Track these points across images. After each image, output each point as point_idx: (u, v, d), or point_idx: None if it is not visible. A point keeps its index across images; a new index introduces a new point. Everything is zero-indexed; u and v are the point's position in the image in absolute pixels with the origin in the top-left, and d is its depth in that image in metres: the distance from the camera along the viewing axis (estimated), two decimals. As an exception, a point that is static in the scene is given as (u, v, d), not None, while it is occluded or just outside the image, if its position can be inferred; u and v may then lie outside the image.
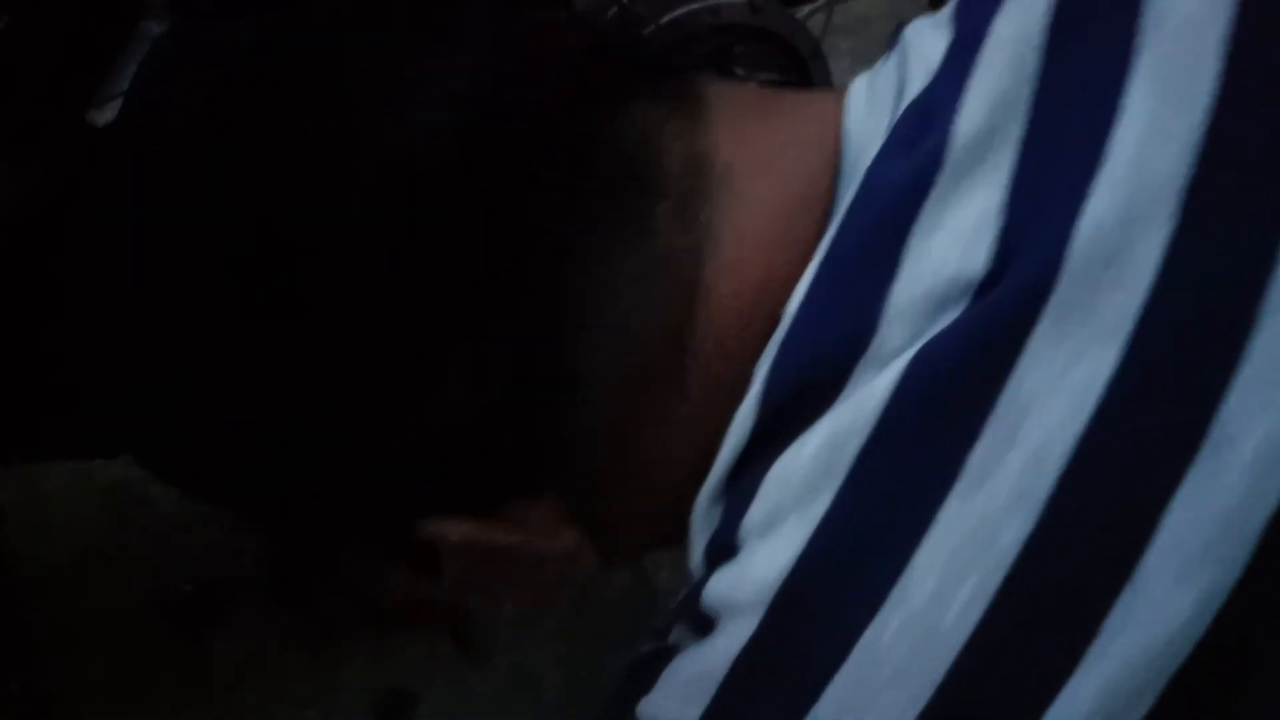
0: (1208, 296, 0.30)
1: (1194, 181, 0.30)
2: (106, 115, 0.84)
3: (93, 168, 0.42)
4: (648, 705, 0.37)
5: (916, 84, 0.35)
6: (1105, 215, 0.30)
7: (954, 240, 0.32)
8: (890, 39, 0.40)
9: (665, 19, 0.85)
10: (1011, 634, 0.30)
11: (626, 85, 0.38)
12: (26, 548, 0.97)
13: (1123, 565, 0.29)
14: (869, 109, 0.37)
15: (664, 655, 0.37)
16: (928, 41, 0.36)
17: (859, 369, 0.33)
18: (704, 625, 0.35)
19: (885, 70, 0.38)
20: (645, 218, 0.36)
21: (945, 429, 0.31)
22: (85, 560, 1.08)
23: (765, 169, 0.37)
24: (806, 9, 0.96)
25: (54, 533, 1.09)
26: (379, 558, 0.43)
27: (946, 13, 0.37)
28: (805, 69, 0.92)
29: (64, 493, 1.11)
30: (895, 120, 0.35)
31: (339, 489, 0.38)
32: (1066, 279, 0.30)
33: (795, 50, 0.91)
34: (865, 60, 0.41)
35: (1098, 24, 0.33)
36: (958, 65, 0.34)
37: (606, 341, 0.36)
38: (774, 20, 0.89)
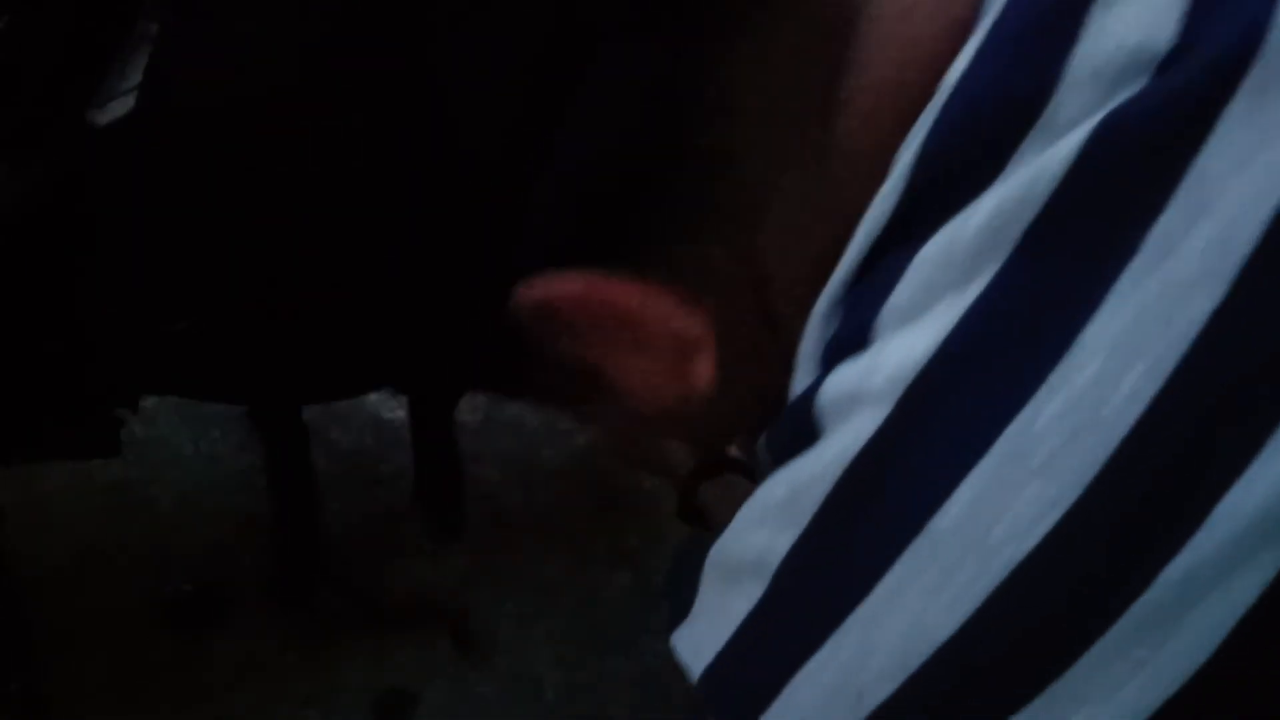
0: None
1: None
2: (107, 115, 0.84)
3: (110, 162, 0.42)
4: (726, 547, 0.34)
5: None
6: None
7: (1141, 9, 0.30)
8: None
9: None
10: (1182, 421, 0.28)
11: None
12: (26, 547, 0.98)
13: None
14: None
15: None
16: None
17: (1029, 139, 0.30)
18: (804, 439, 0.33)
19: None
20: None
21: (1127, 202, 0.29)
22: (85, 560, 1.08)
23: None
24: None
25: (53, 532, 1.09)
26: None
27: None
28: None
29: (64, 492, 1.11)
30: None
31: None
32: (1266, 57, 0.28)
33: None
34: None
35: None
36: None
37: (758, 81, 0.34)
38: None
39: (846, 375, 0.32)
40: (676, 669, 0.37)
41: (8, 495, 0.91)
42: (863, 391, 0.31)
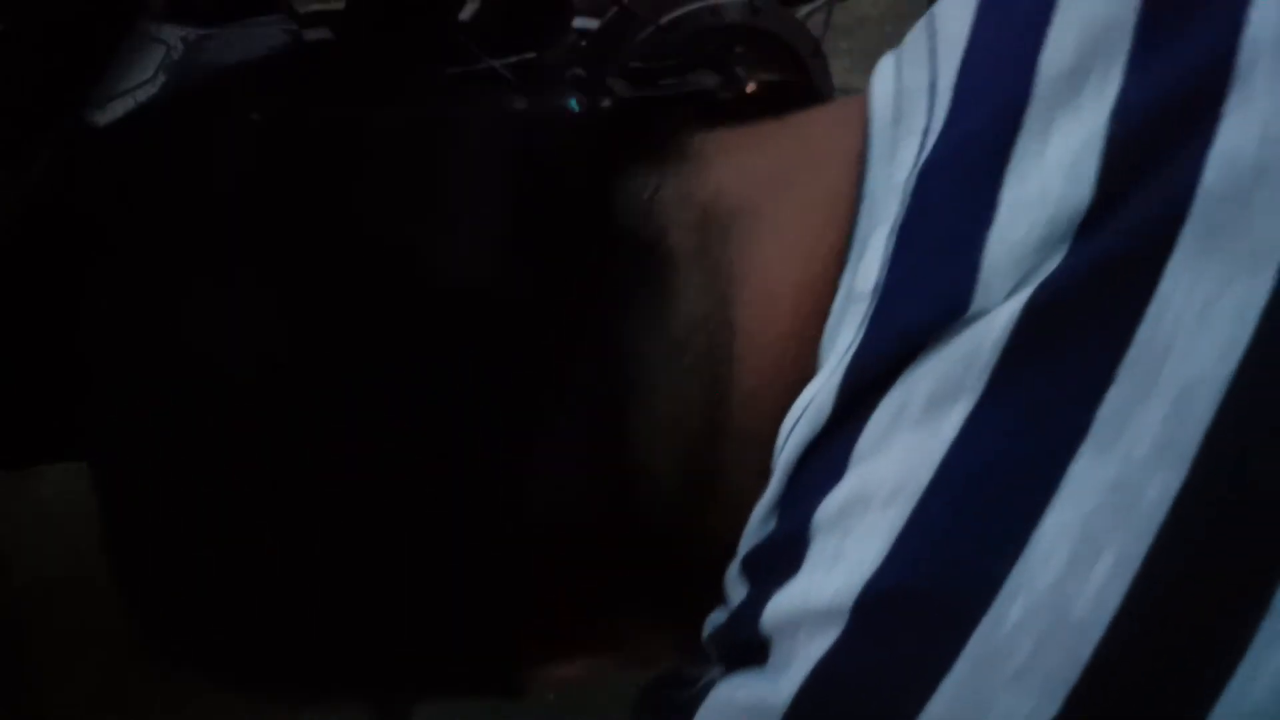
0: None
1: None
2: (107, 116, 0.84)
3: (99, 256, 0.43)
4: None
5: (957, 49, 0.34)
6: (1246, 132, 0.27)
7: (1052, 177, 0.29)
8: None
9: (665, 19, 0.85)
10: (1162, 618, 0.26)
11: (622, 160, 0.37)
12: (23, 550, 0.97)
13: None
14: (898, 88, 0.35)
15: (689, 699, 0.33)
16: (961, 9, 0.35)
17: (958, 325, 0.29)
18: (752, 654, 0.31)
19: (914, 44, 0.36)
20: (668, 294, 0.35)
21: (1071, 375, 0.27)
22: (82, 562, 1.08)
23: (780, 189, 0.36)
24: (806, 9, 0.96)
25: (51, 535, 1.08)
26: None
27: None
28: (804, 68, 0.92)
29: (62, 495, 1.11)
30: (953, 77, 0.33)
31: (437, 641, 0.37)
32: (1202, 204, 0.27)
33: (794, 50, 0.91)
34: (864, 60, 0.40)
35: None
36: (1026, 8, 0.32)
37: (655, 428, 0.35)
38: (773, 20, 0.89)
39: (791, 593, 0.30)
40: (676, 670, 0.37)
41: (5, 498, 0.91)
42: (811, 609, 0.29)
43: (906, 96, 0.34)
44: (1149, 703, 0.26)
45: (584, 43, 0.85)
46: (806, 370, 0.32)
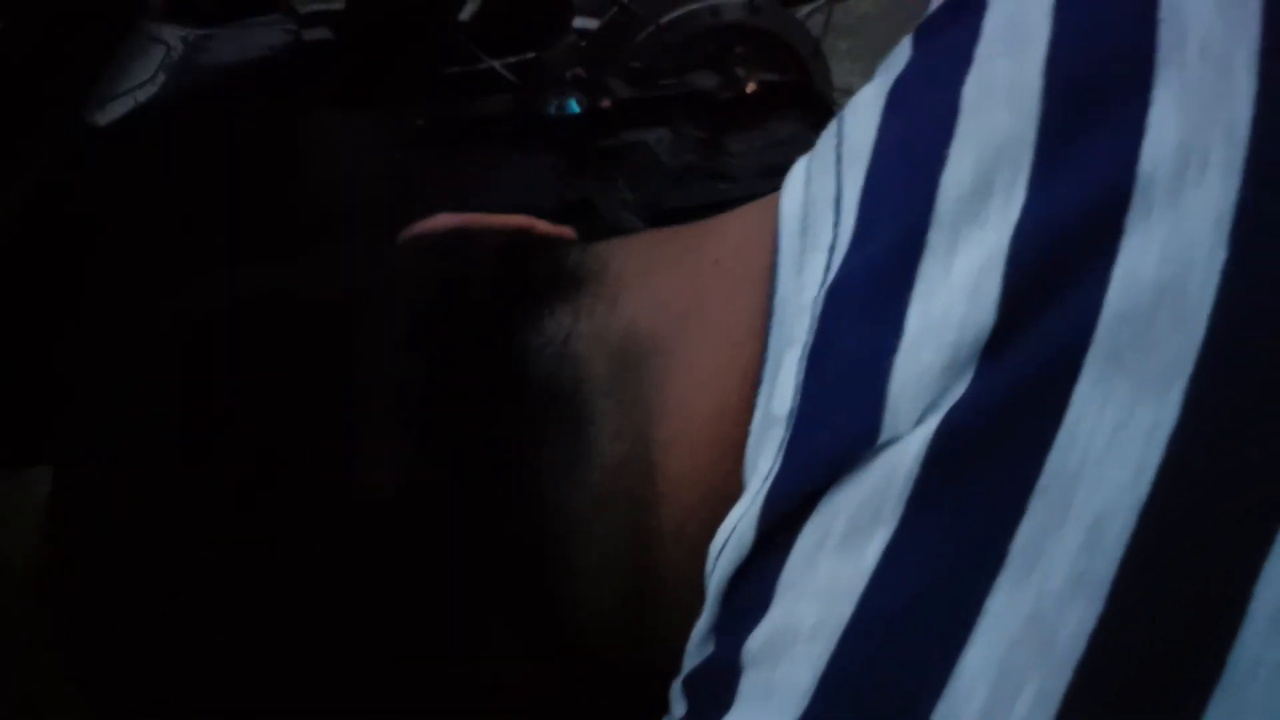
0: (1272, 325, 0.27)
1: (1241, 205, 0.27)
2: (107, 116, 0.84)
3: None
4: None
5: (861, 161, 0.33)
6: (1147, 251, 0.27)
7: (955, 299, 0.29)
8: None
9: (665, 19, 0.85)
10: None
11: (531, 296, 0.37)
12: (20, 550, 0.97)
13: (1213, 655, 0.25)
14: (806, 198, 0.35)
15: None
16: (867, 115, 0.34)
17: (865, 463, 0.29)
18: None
19: (824, 149, 0.36)
20: (585, 441, 0.35)
21: (984, 506, 0.27)
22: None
23: (687, 324, 0.36)
24: (805, 9, 0.96)
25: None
26: None
27: (884, 81, 0.35)
28: (804, 69, 0.92)
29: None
30: (857, 194, 0.33)
31: None
32: (1106, 328, 0.27)
33: (794, 50, 0.92)
34: (863, 60, 0.41)
35: (1108, 58, 0.30)
36: (929, 118, 0.32)
37: (586, 583, 0.35)
38: (773, 20, 0.90)
39: None
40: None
41: (4, 498, 0.91)
42: None
43: (813, 208, 0.34)
44: None
45: (584, 43, 0.85)
46: (732, 493, 0.32)
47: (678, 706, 0.32)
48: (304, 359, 0.37)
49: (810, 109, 0.86)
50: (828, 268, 0.32)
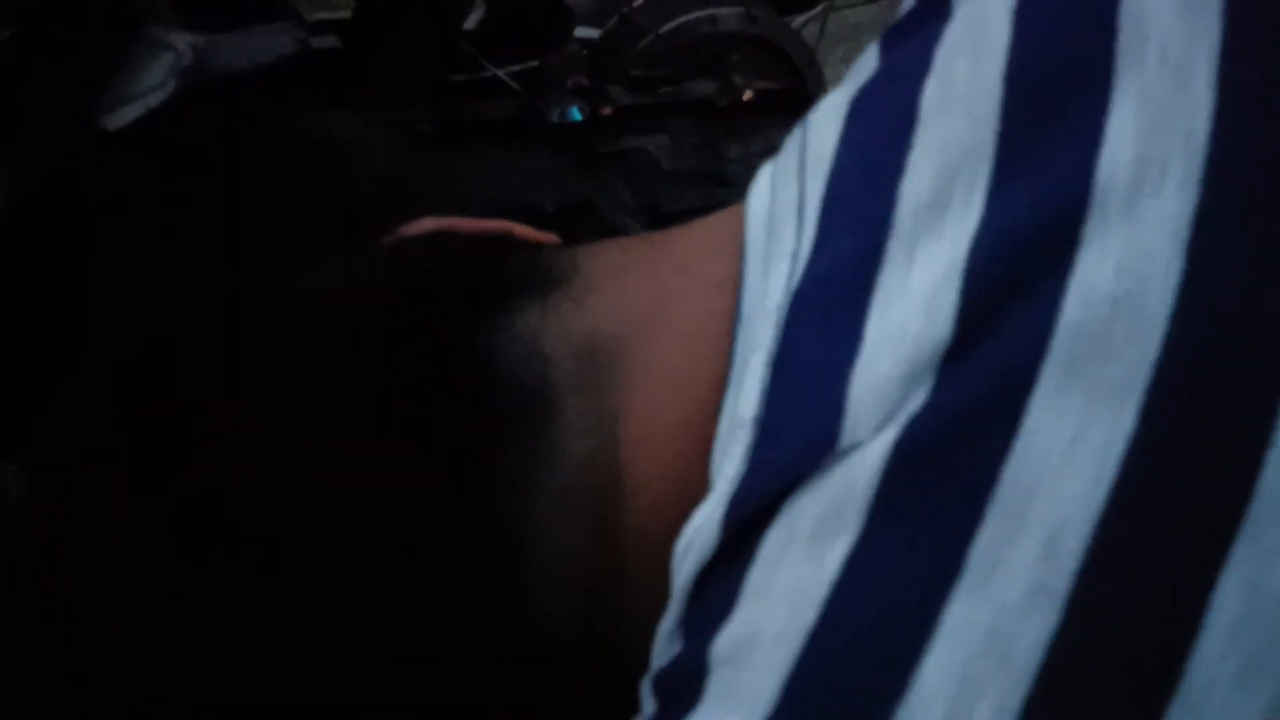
0: (1229, 339, 0.27)
1: (1199, 217, 0.27)
2: (117, 120, 0.85)
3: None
4: None
5: (822, 168, 0.33)
6: (1103, 263, 0.27)
7: (913, 309, 0.29)
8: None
9: (664, 28, 0.87)
10: None
11: (500, 295, 0.37)
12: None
13: (1168, 669, 0.25)
14: (771, 204, 0.35)
15: None
16: (829, 122, 0.34)
17: (826, 469, 0.29)
18: None
19: (787, 155, 0.36)
20: (549, 438, 0.35)
21: (943, 514, 0.27)
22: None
23: (654, 326, 0.36)
24: (801, 18, 0.97)
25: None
26: None
27: (850, 87, 0.35)
28: (800, 76, 0.94)
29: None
30: (819, 201, 0.33)
31: None
32: (1062, 340, 0.27)
33: (790, 58, 0.93)
34: None
35: (1067, 63, 0.30)
36: (888, 125, 0.32)
37: (550, 587, 0.35)
38: (770, 29, 0.91)
39: None
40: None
41: (13, 489, 0.92)
42: None
43: (778, 215, 0.34)
44: None
45: (585, 51, 0.87)
46: (697, 495, 0.32)
47: (647, 704, 0.33)
48: (259, 360, 0.36)
49: (806, 115, 0.88)
50: (791, 275, 0.32)
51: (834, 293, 0.31)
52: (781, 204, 0.34)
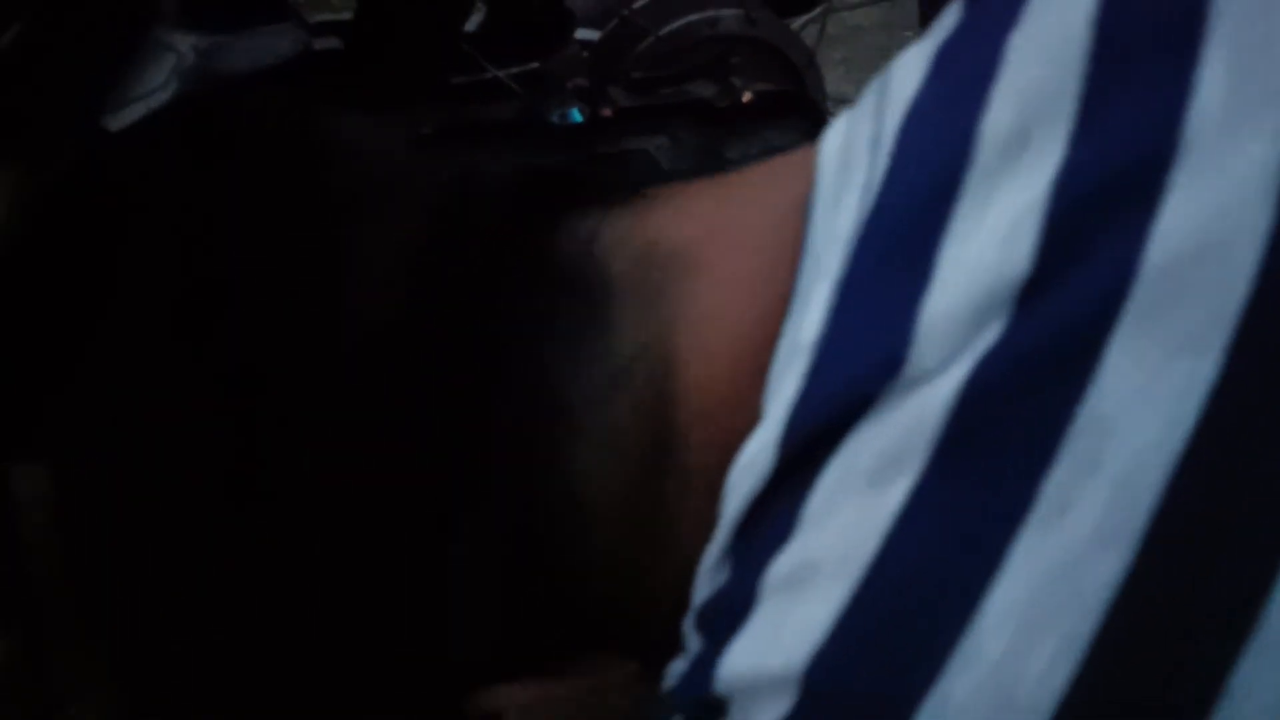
0: None
1: None
2: (120, 121, 0.86)
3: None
4: None
5: (901, 106, 0.34)
6: (1190, 209, 0.27)
7: (989, 243, 0.29)
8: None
9: (664, 30, 0.87)
10: (1108, 703, 0.26)
11: (563, 199, 0.37)
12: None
13: (1246, 610, 0.25)
14: (845, 141, 0.35)
15: None
16: (912, 68, 0.35)
17: (893, 389, 0.29)
18: (711, 712, 0.31)
19: (866, 101, 0.36)
20: (605, 323, 0.34)
21: (1014, 450, 0.27)
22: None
23: (723, 233, 0.36)
24: (801, 20, 0.98)
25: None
26: None
27: (933, 40, 0.35)
28: (799, 78, 0.94)
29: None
30: (895, 134, 0.33)
31: (384, 681, 0.36)
32: (1145, 282, 0.27)
33: (790, 60, 0.94)
34: (857, 69, 0.42)
35: (1158, 13, 0.30)
36: (972, 68, 0.32)
37: (595, 456, 0.34)
38: (769, 31, 0.92)
39: (742, 659, 0.30)
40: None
41: (19, 490, 0.92)
42: (762, 677, 0.29)
43: (851, 149, 0.34)
44: None
45: (586, 53, 0.87)
46: (749, 418, 0.32)
47: (693, 641, 0.33)
48: (314, 221, 0.36)
49: (805, 117, 0.88)
50: (863, 206, 0.32)
51: (907, 222, 0.31)
52: (856, 139, 0.34)
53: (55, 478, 0.39)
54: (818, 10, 0.99)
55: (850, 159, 0.34)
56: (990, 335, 0.28)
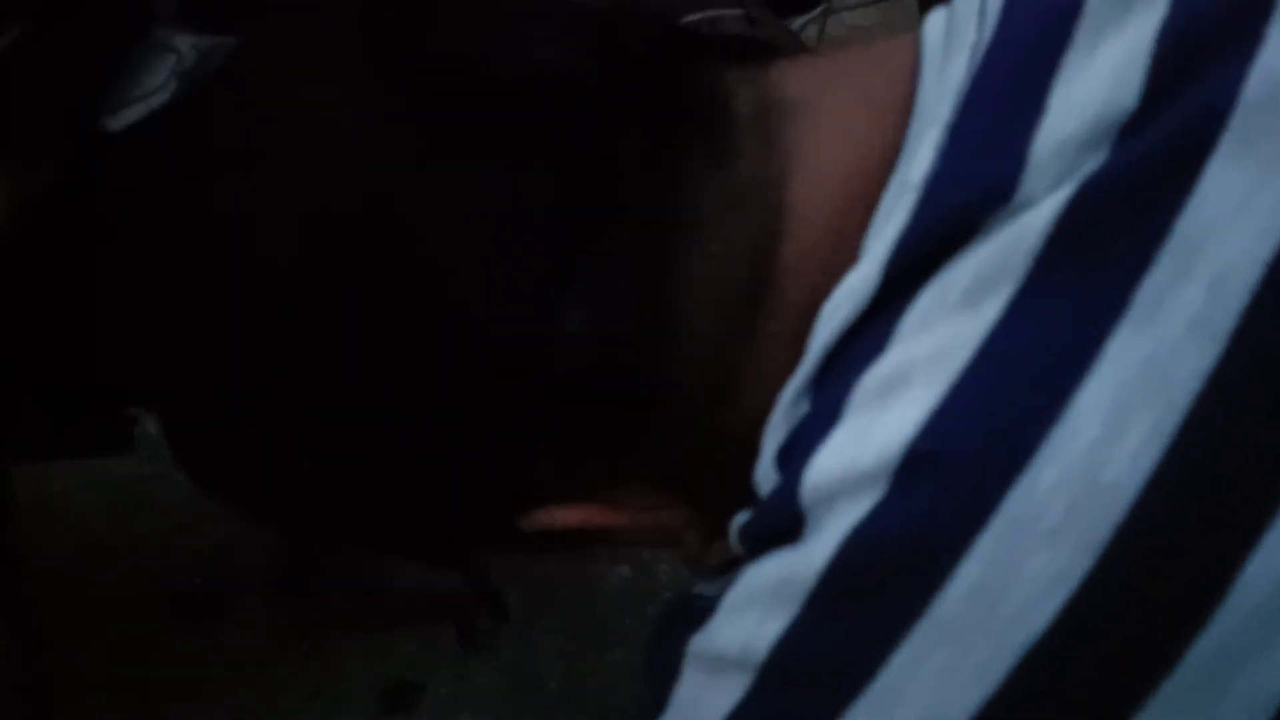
0: None
1: None
2: (120, 121, 0.86)
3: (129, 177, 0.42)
4: (707, 636, 0.33)
5: None
6: None
7: (1099, 83, 0.30)
8: None
9: (665, 30, 0.87)
10: (1190, 484, 0.27)
11: (690, 46, 0.38)
12: (36, 542, 0.99)
13: None
14: (950, 15, 0.36)
15: (708, 607, 0.33)
16: None
17: (999, 218, 0.30)
18: (784, 535, 0.31)
19: None
20: (724, 150, 0.35)
21: (1112, 260, 0.28)
22: (94, 556, 1.09)
23: (837, 87, 0.37)
24: (801, 20, 0.98)
25: (63, 528, 1.10)
26: (486, 549, 0.41)
27: None
28: (799, 78, 0.94)
29: (72, 490, 1.12)
30: (1001, 3, 0.34)
31: (453, 482, 0.37)
32: (1243, 110, 0.28)
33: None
34: None
35: None
36: None
37: (701, 276, 0.35)
38: (769, 31, 0.92)
39: (829, 462, 0.31)
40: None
41: (20, 492, 0.92)
42: (850, 474, 0.30)
43: (957, 18, 0.35)
44: (1179, 562, 0.27)
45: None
46: (847, 260, 0.33)
47: (768, 480, 0.33)
48: None
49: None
50: (972, 61, 0.33)
51: (1018, 69, 0.32)
52: (960, 9, 0.35)
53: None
54: (818, 10, 0.99)
55: (956, 28, 0.35)
56: (1094, 162, 0.29)
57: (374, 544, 0.43)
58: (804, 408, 0.33)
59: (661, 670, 0.35)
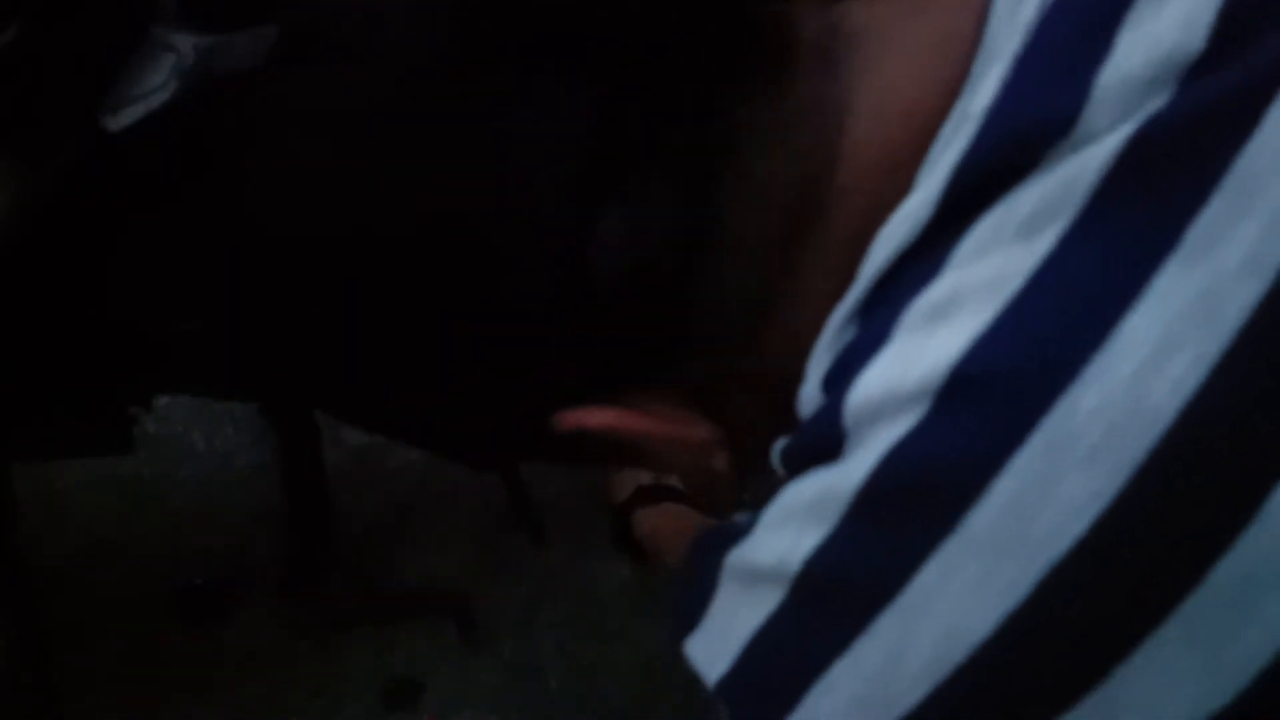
0: None
1: None
2: (120, 121, 0.86)
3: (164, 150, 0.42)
4: (745, 551, 0.33)
5: None
6: None
7: (1170, 22, 0.30)
8: None
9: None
10: (1227, 411, 0.27)
11: None
12: (42, 541, 0.99)
13: None
14: None
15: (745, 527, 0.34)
16: None
17: (1059, 151, 0.30)
18: (824, 454, 0.32)
19: None
20: (782, 72, 0.35)
21: (1167, 198, 0.28)
22: (99, 554, 1.10)
23: (906, 21, 0.37)
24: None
25: (68, 527, 1.10)
26: (514, 449, 0.41)
27: None
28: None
29: (78, 488, 1.13)
30: None
31: (492, 377, 0.37)
32: None
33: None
34: None
35: None
36: None
37: (748, 195, 0.35)
38: None
39: (874, 382, 0.31)
40: (675, 657, 0.37)
41: (25, 491, 0.93)
42: (894, 394, 0.30)
43: None
44: (1208, 485, 0.27)
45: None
46: (902, 190, 0.33)
47: (811, 403, 0.33)
48: None
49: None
50: (1043, 3, 0.33)
51: (1089, 9, 0.32)
52: None
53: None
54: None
55: None
56: (1159, 101, 0.29)
57: (415, 439, 0.43)
58: (853, 332, 0.33)
59: (698, 585, 0.36)
